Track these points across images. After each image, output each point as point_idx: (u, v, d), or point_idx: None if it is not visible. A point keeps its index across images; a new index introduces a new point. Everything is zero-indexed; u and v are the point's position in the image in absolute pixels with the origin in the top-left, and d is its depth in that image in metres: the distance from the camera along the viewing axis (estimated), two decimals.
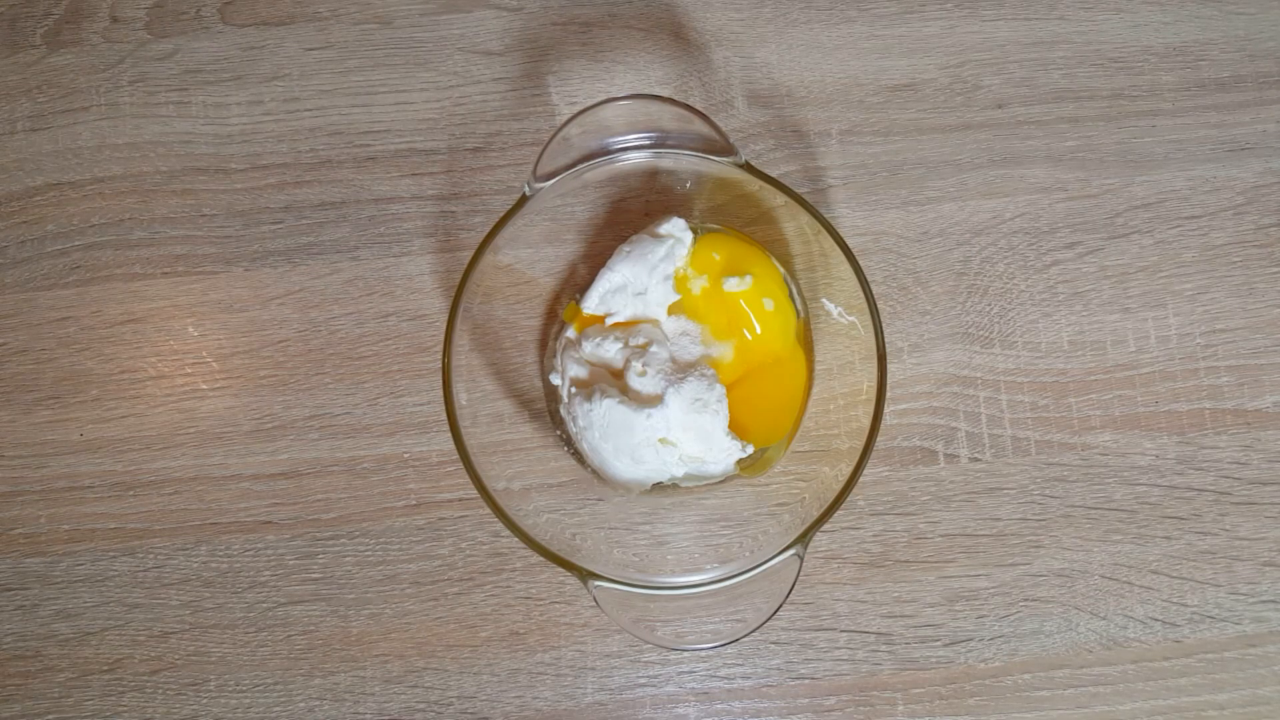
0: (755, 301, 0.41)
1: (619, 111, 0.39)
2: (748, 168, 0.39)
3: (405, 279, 0.46)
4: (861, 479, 0.44)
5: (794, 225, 0.44)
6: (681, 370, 0.40)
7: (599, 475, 0.42)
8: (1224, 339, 0.46)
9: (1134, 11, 0.48)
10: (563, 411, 0.42)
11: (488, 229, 0.39)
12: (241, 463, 0.45)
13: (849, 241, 0.46)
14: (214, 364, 0.46)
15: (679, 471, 0.41)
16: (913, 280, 0.46)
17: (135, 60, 0.48)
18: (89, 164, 0.47)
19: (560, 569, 0.37)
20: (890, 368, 0.46)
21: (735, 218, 0.45)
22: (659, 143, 0.39)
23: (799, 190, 0.47)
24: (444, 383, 0.37)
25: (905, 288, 0.46)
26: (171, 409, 0.45)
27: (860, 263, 0.46)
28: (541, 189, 0.39)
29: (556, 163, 0.39)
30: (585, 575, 0.36)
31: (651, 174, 0.45)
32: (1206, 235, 0.47)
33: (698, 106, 0.47)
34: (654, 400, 0.39)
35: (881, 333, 0.38)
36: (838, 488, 0.37)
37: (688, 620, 0.39)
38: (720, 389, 0.40)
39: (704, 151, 0.39)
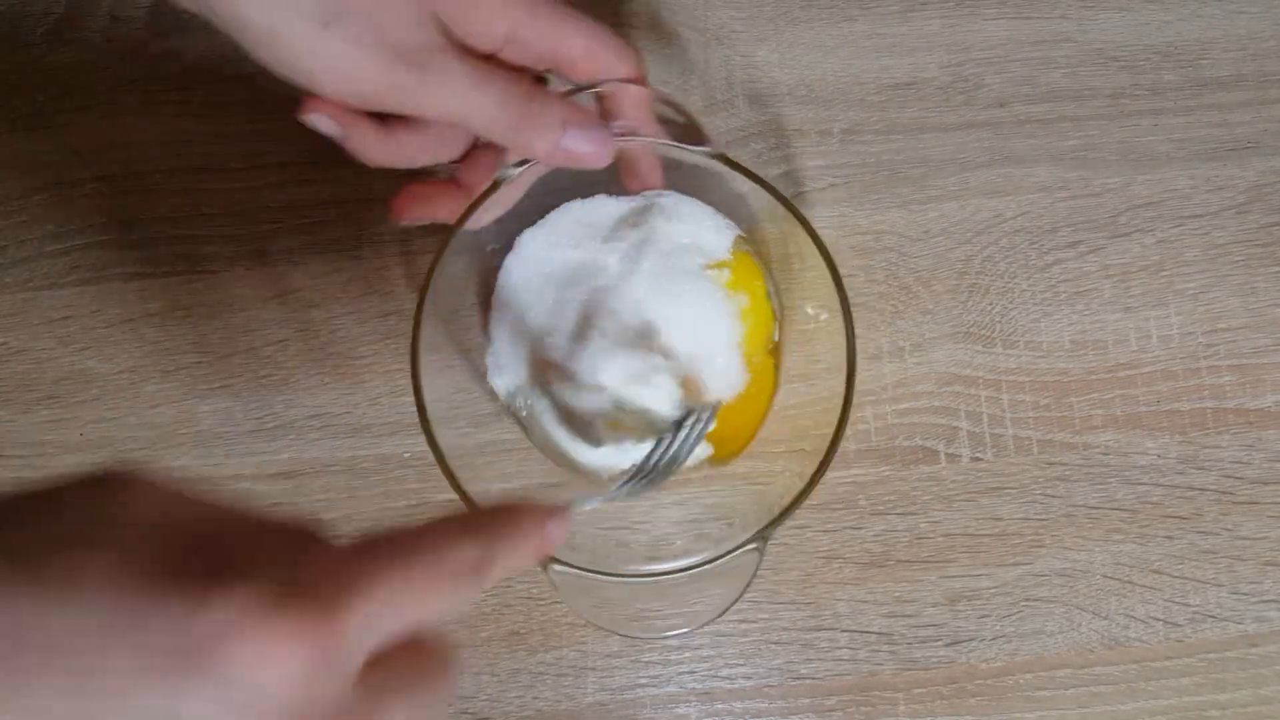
0: (731, 287, 0.42)
1: (592, 100, 0.38)
2: (722, 158, 0.39)
3: (406, 278, 0.46)
4: (864, 478, 0.45)
5: (776, 228, 0.43)
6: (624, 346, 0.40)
7: (572, 469, 0.41)
8: (1226, 338, 0.46)
9: (1136, 10, 0.48)
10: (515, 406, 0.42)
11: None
12: (241, 462, 0.45)
13: (852, 241, 0.46)
14: (214, 364, 0.45)
15: (639, 454, 0.40)
16: (914, 279, 0.46)
17: (135, 59, 0.48)
18: (89, 163, 0.47)
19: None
20: (892, 367, 0.46)
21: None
22: (630, 131, 0.38)
23: (801, 189, 0.47)
24: (414, 384, 0.37)
25: (907, 286, 0.46)
26: (171, 409, 0.45)
27: (862, 262, 0.46)
28: (511, 175, 0.38)
29: None
30: (545, 561, 0.36)
31: None
32: (1209, 234, 0.46)
33: (698, 104, 0.47)
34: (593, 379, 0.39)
35: (851, 324, 0.37)
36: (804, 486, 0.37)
37: (655, 609, 0.39)
38: (657, 359, 0.39)
39: (678, 140, 0.39)
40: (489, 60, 0.34)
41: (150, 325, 0.46)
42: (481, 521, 0.25)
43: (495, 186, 0.38)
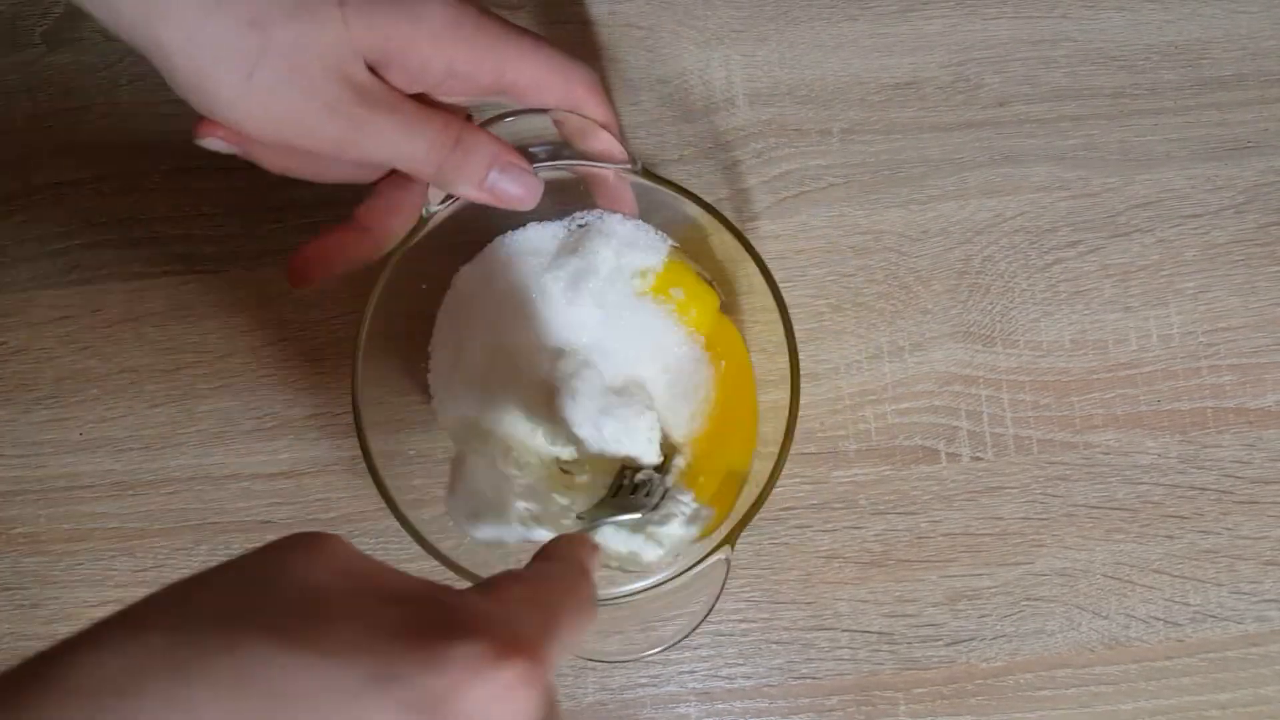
0: (662, 291, 0.41)
1: (523, 125, 0.37)
2: (645, 174, 0.38)
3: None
4: (864, 478, 0.45)
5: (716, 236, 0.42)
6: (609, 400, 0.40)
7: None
8: (1226, 337, 0.46)
9: (1136, 10, 0.48)
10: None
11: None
12: (241, 462, 0.45)
13: (852, 241, 0.46)
14: (214, 364, 0.45)
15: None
16: (914, 279, 0.46)
17: (135, 59, 0.47)
18: (89, 163, 0.47)
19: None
20: (892, 367, 0.46)
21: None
22: (555, 155, 0.37)
23: (802, 189, 0.47)
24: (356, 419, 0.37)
25: (907, 286, 0.46)
26: (171, 409, 0.45)
27: (862, 262, 0.46)
28: (438, 211, 0.38)
29: None
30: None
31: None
32: (1208, 234, 0.46)
33: (698, 104, 0.47)
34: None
35: (787, 316, 0.37)
36: (762, 493, 0.36)
37: (628, 630, 0.39)
38: (641, 412, 0.39)
39: (601, 160, 0.38)
40: (421, 99, 0.33)
41: (150, 325, 0.46)
42: (568, 554, 0.28)
43: (423, 224, 0.37)
